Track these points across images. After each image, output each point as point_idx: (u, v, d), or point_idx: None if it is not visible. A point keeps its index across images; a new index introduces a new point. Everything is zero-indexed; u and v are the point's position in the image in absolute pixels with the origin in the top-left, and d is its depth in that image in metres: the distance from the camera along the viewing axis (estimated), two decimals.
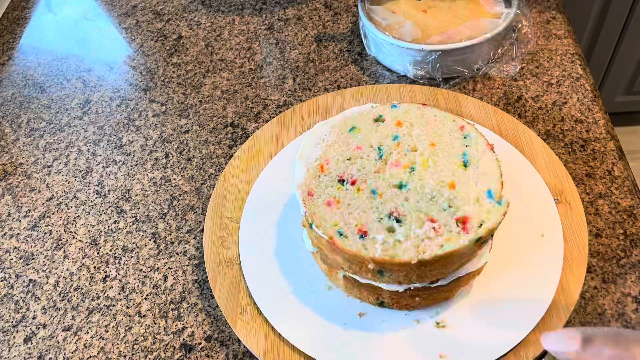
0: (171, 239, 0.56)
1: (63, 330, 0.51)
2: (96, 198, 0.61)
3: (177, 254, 0.55)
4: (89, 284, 0.54)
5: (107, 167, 0.64)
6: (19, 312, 0.52)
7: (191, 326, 0.50)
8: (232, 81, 0.71)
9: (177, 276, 0.53)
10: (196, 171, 0.62)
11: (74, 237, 0.58)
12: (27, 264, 0.56)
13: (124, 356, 0.49)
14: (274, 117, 0.65)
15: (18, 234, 0.59)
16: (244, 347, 0.48)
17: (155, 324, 0.50)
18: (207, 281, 0.52)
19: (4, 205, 0.61)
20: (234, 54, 0.75)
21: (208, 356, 0.48)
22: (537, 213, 0.51)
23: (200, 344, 0.49)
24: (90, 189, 0.62)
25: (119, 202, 0.60)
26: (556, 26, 0.72)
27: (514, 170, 0.54)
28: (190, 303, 0.51)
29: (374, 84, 0.68)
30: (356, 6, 0.79)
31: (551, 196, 0.52)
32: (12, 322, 0.52)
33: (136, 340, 0.50)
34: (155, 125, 0.68)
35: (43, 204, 0.61)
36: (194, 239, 0.56)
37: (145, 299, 0.52)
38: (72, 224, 0.59)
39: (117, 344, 0.49)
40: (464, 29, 0.65)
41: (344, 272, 0.46)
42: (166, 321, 0.50)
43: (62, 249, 0.57)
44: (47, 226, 0.59)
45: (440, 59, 0.64)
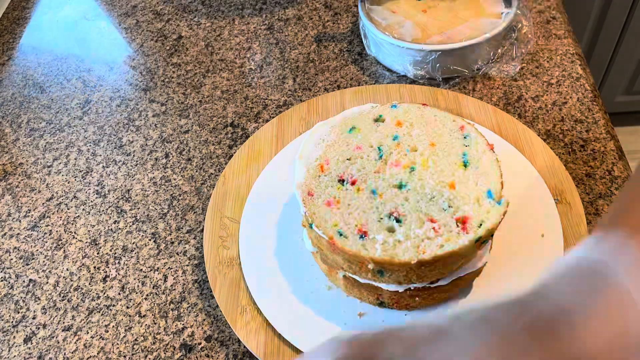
0: (171, 239, 0.56)
1: (63, 330, 0.51)
2: (96, 198, 0.61)
3: (177, 254, 0.55)
4: (89, 284, 0.54)
5: (107, 167, 0.64)
6: (19, 312, 0.52)
7: (191, 326, 0.50)
8: (232, 81, 0.71)
9: (177, 276, 0.53)
10: (196, 171, 0.62)
11: (74, 237, 0.58)
12: (27, 264, 0.56)
13: (124, 356, 0.49)
14: (274, 117, 0.65)
15: (18, 234, 0.59)
16: (244, 347, 0.48)
17: (155, 324, 0.50)
18: (207, 281, 0.52)
19: (4, 205, 0.61)
20: (234, 54, 0.75)
21: (208, 356, 0.48)
22: (537, 213, 0.51)
23: (200, 344, 0.49)
24: (90, 189, 0.62)
25: (119, 202, 0.60)
26: (556, 26, 0.72)
27: (514, 170, 0.54)
28: (190, 303, 0.51)
29: (374, 84, 0.68)
30: (356, 6, 0.79)
31: (551, 196, 0.52)
32: (12, 322, 0.52)
33: (136, 340, 0.50)
34: (155, 125, 0.68)
35: (43, 204, 0.61)
36: (194, 239, 0.56)
37: (145, 299, 0.52)
38: (72, 224, 0.59)
39: (117, 344, 0.49)
40: (464, 29, 0.65)
41: (344, 272, 0.46)
42: (166, 321, 0.50)
43: (62, 249, 0.57)
44: (47, 226, 0.59)
45: (440, 59, 0.64)
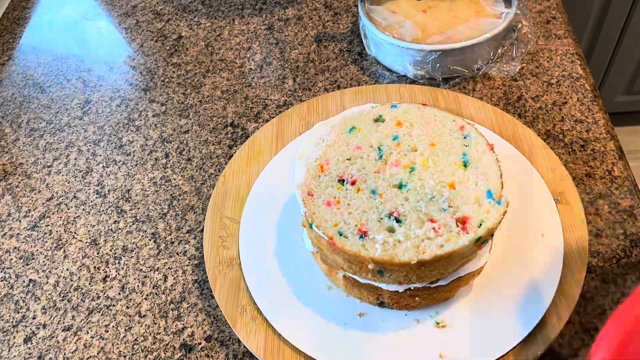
0: (171, 239, 0.56)
1: (63, 330, 0.51)
2: (96, 198, 0.61)
3: (177, 254, 0.55)
4: (89, 284, 0.54)
5: (107, 167, 0.64)
6: (19, 312, 0.52)
7: (191, 326, 0.50)
8: (232, 81, 0.71)
9: (177, 276, 0.53)
10: (196, 171, 0.62)
11: (74, 237, 0.58)
12: (27, 264, 0.56)
13: (124, 356, 0.49)
14: (274, 117, 0.65)
15: (18, 234, 0.59)
16: (244, 347, 0.48)
17: (155, 324, 0.50)
18: (207, 281, 0.52)
19: (4, 205, 0.61)
20: (234, 54, 0.75)
21: (208, 356, 0.48)
22: (537, 213, 0.51)
23: (200, 344, 0.49)
24: (90, 189, 0.62)
25: (119, 202, 0.60)
26: (556, 26, 0.72)
27: (514, 170, 0.54)
28: (190, 303, 0.51)
29: (374, 84, 0.68)
30: (356, 6, 0.79)
31: (551, 196, 0.52)
32: (12, 322, 0.52)
33: (136, 340, 0.50)
34: (155, 125, 0.68)
35: (43, 204, 0.61)
36: (194, 239, 0.56)
37: (145, 299, 0.52)
38: (72, 224, 0.59)
39: (117, 344, 0.49)
40: (464, 29, 0.65)
41: (344, 272, 0.46)
42: (166, 321, 0.50)
43: (62, 249, 0.57)
44: (47, 226, 0.59)
45: (440, 59, 0.64)
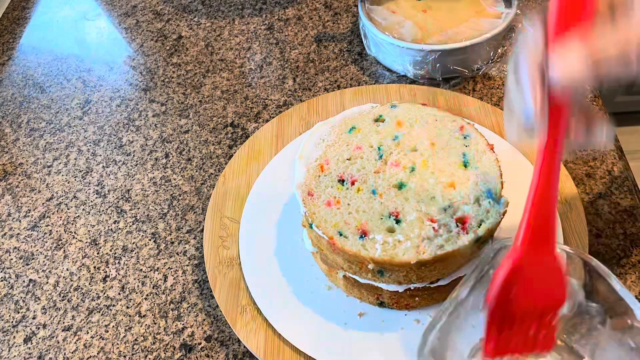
0: (171, 239, 0.56)
1: (63, 330, 0.51)
2: (96, 198, 0.61)
3: (177, 254, 0.55)
4: (89, 284, 0.54)
5: (107, 167, 0.64)
6: (19, 312, 0.52)
7: (191, 326, 0.50)
8: (232, 81, 0.71)
9: (177, 276, 0.53)
10: (196, 171, 0.62)
11: (74, 237, 0.58)
12: (27, 264, 0.56)
13: (124, 356, 0.49)
14: (274, 117, 0.65)
15: (18, 234, 0.59)
16: (244, 347, 0.48)
17: (155, 324, 0.50)
18: (207, 281, 0.52)
19: (4, 205, 0.61)
20: (234, 54, 0.75)
21: (208, 356, 0.48)
22: None
23: (200, 344, 0.49)
24: (90, 189, 0.62)
25: (119, 202, 0.60)
26: None
27: (514, 170, 0.54)
28: (190, 303, 0.51)
29: (374, 84, 0.68)
30: (356, 6, 0.79)
31: None
32: (12, 322, 0.52)
33: (136, 340, 0.50)
34: (155, 125, 0.68)
35: (43, 204, 0.61)
36: (194, 239, 0.56)
37: (145, 299, 0.52)
38: (72, 224, 0.59)
39: (117, 344, 0.49)
40: (464, 29, 0.65)
41: (344, 272, 0.46)
42: (166, 321, 0.50)
43: (62, 249, 0.57)
44: (47, 226, 0.59)
45: (440, 59, 0.64)
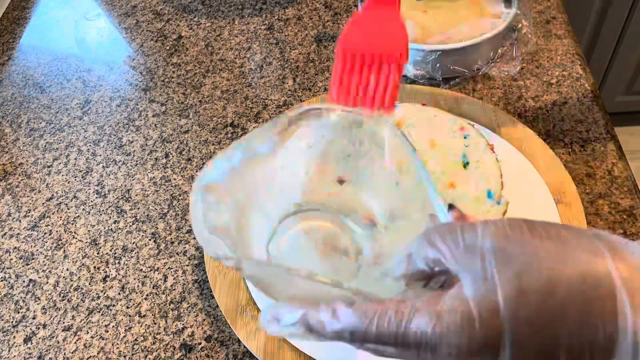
0: (171, 239, 0.56)
1: (63, 330, 0.51)
2: (96, 198, 0.61)
3: (177, 254, 0.55)
4: (89, 284, 0.54)
5: (107, 167, 0.64)
6: (19, 312, 0.52)
7: (191, 326, 0.50)
8: (232, 81, 0.71)
9: (177, 276, 0.53)
10: (196, 171, 0.62)
11: (74, 237, 0.58)
12: (27, 264, 0.56)
13: (124, 356, 0.49)
14: (274, 117, 0.65)
15: (18, 234, 0.59)
16: (244, 347, 0.48)
17: (155, 324, 0.50)
18: (207, 281, 0.52)
19: (4, 205, 0.61)
20: (234, 54, 0.75)
21: (208, 356, 0.48)
22: (537, 213, 0.51)
23: (200, 344, 0.49)
24: (90, 189, 0.62)
25: (119, 202, 0.60)
26: (556, 26, 0.72)
27: (514, 170, 0.54)
28: (190, 303, 0.51)
29: None
30: (356, 6, 0.79)
31: (551, 196, 0.52)
32: (12, 322, 0.52)
33: (136, 340, 0.50)
34: (155, 125, 0.68)
35: (43, 204, 0.61)
36: (194, 239, 0.56)
37: (145, 299, 0.52)
38: (72, 224, 0.59)
39: (117, 344, 0.49)
40: (464, 29, 0.65)
41: None
42: (166, 321, 0.50)
43: (62, 249, 0.57)
44: (47, 226, 0.59)
45: (440, 59, 0.64)
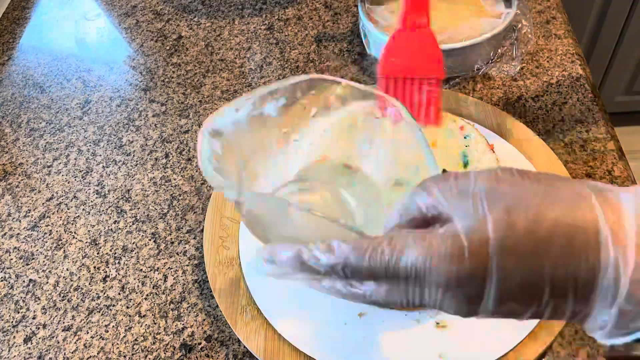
0: (171, 239, 0.56)
1: (63, 330, 0.51)
2: (96, 198, 0.61)
3: (177, 254, 0.55)
4: (89, 284, 0.54)
5: (107, 167, 0.64)
6: (19, 312, 0.52)
7: (191, 326, 0.50)
8: (232, 81, 0.71)
9: (177, 276, 0.53)
10: (196, 171, 0.62)
11: (74, 237, 0.58)
12: (27, 264, 0.56)
13: (124, 356, 0.49)
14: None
15: (18, 234, 0.59)
16: (244, 347, 0.48)
17: (155, 324, 0.50)
18: (207, 281, 0.52)
19: (4, 205, 0.61)
20: (234, 54, 0.75)
21: (208, 356, 0.48)
22: None
23: (200, 344, 0.49)
24: (90, 189, 0.62)
25: (119, 202, 0.60)
26: (556, 26, 0.72)
27: None
28: (190, 303, 0.51)
29: (374, 84, 0.68)
30: (356, 6, 0.79)
31: None
32: (12, 322, 0.52)
33: (136, 340, 0.50)
34: (155, 125, 0.68)
35: (43, 204, 0.61)
36: (194, 239, 0.56)
37: (145, 299, 0.52)
38: (72, 224, 0.59)
39: (117, 344, 0.49)
40: (464, 29, 0.65)
41: None
42: (166, 321, 0.50)
43: (62, 249, 0.57)
44: (47, 226, 0.59)
45: None
